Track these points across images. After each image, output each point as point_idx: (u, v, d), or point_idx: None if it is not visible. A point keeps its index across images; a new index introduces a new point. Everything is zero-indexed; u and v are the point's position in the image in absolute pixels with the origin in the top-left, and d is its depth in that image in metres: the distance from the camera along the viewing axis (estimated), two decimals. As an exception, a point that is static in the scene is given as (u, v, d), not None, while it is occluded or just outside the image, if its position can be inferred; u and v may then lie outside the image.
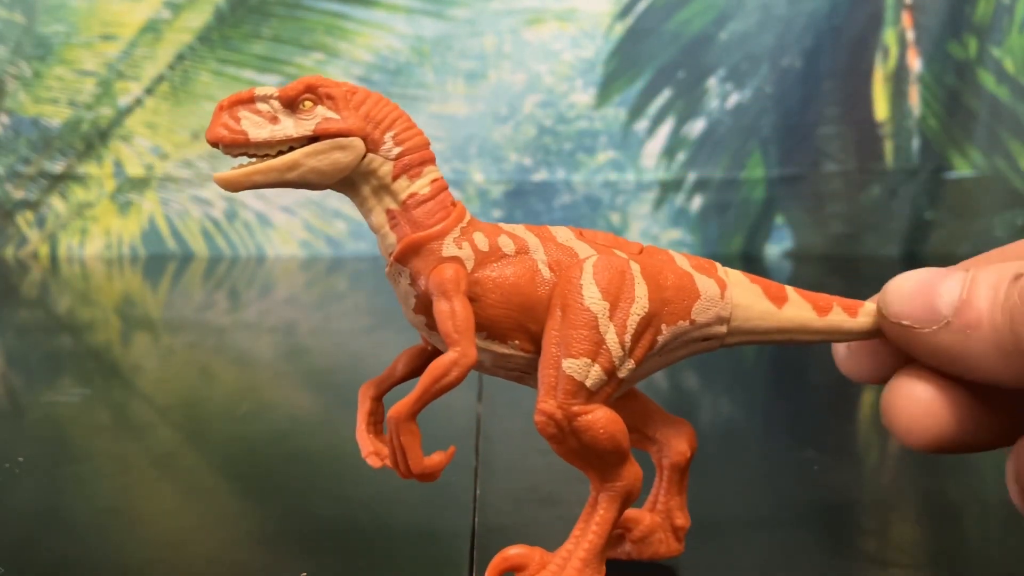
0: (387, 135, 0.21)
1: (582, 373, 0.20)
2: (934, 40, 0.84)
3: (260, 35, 0.85)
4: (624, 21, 0.85)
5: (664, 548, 0.24)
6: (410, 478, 0.21)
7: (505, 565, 0.22)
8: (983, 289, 0.19)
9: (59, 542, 0.27)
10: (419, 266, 0.21)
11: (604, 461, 0.21)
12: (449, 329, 0.20)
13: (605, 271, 0.21)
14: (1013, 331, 0.19)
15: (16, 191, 0.87)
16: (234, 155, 0.21)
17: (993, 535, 0.28)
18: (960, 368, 0.20)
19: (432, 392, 0.20)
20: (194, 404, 0.43)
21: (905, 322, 0.21)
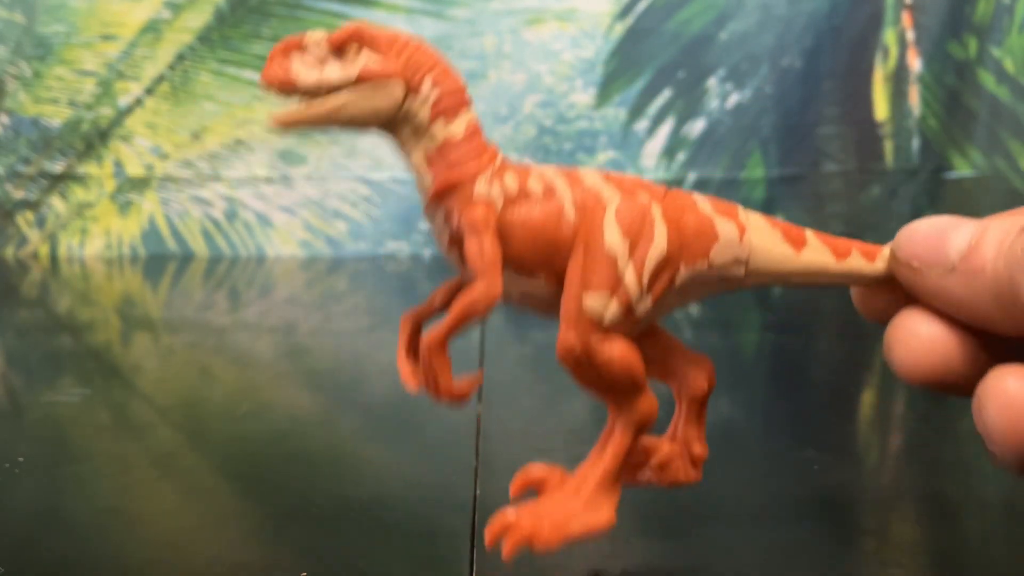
0: (426, 79, 0.23)
1: (601, 307, 0.22)
2: (934, 40, 0.84)
3: (260, 35, 0.85)
4: (624, 21, 0.85)
5: (683, 475, 0.25)
6: (442, 401, 0.23)
7: (527, 482, 0.24)
8: (991, 238, 0.20)
9: (59, 542, 0.27)
10: (453, 204, 0.22)
11: (620, 390, 0.22)
12: (477, 264, 0.22)
13: (627, 213, 0.22)
14: (1011, 279, 0.19)
15: (16, 191, 0.87)
16: (286, 97, 0.22)
17: (993, 535, 0.28)
18: (961, 312, 0.21)
19: (462, 321, 0.22)
20: (194, 404, 0.43)
21: (915, 264, 0.21)
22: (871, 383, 0.49)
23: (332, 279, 0.81)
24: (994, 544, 0.28)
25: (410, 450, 0.36)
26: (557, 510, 0.23)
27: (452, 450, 0.35)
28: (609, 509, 0.23)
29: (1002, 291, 0.20)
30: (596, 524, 0.23)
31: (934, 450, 0.38)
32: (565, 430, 0.38)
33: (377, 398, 0.44)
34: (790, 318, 0.66)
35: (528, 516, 0.22)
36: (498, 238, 0.22)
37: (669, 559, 0.26)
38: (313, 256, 0.88)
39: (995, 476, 0.35)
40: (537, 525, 0.22)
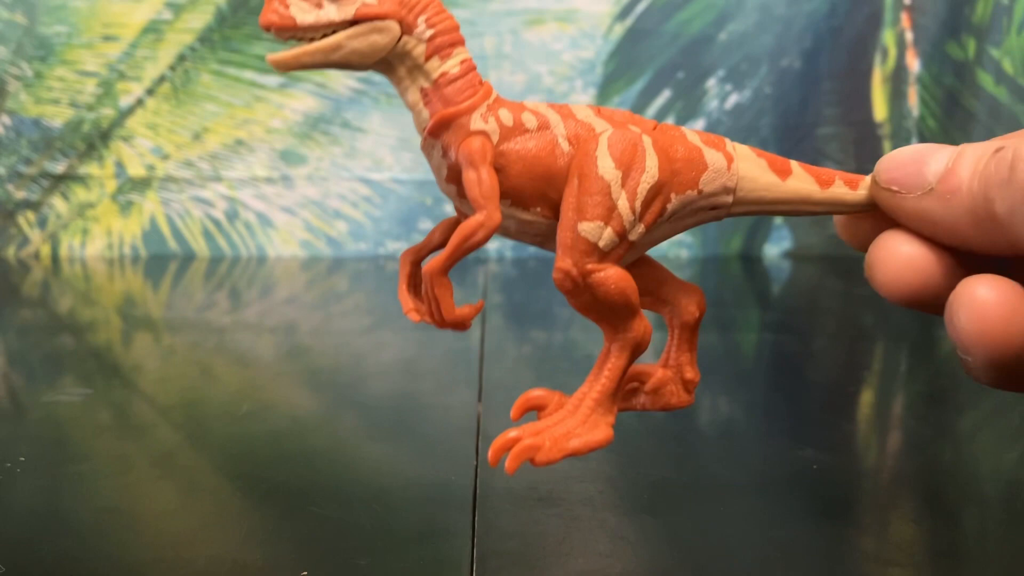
0: (420, 18, 0.23)
1: (596, 235, 0.22)
2: (933, 41, 0.84)
3: (261, 36, 0.85)
4: (624, 22, 0.85)
5: (676, 399, 0.27)
6: (444, 327, 0.24)
7: (528, 405, 0.25)
8: (967, 159, 0.21)
9: (60, 542, 0.27)
10: (450, 139, 0.23)
11: (616, 314, 0.23)
12: (476, 195, 0.22)
13: (619, 143, 0.23)
14: (985, 197, 0.20)
15: (17, 191, 0.87)
16: (284, 39, 0.23)
17: (993, 535, 0.28)
18: (940, 233, 0.22)
19: (461, 250, 0.22)
20: (195, 404, 0.43)
21: (895, 188, 0.22)
22: (871, 383, 0.49)
23: (333, 279, 0.81)
24: (994, 544, 0.28)
25: (410, 449, 0.36)
26: (558, 428, 0.23)
27: (452, 449, 0.35)
28: (606, 427, 0.24)
29: (977, 209, 0.20)
30: (595, 441, 0.23)
31: (934, 450, 0.38)
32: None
33: (377, 398, 0.44)
34: (790, 318, 0.66)
35: (530, 434, 0.23)
36: (495, 170, 0.23)
37: (669, 559, 0.27)
38: (314, 256, 0.89)
39: (995, 476, 0.35)
40: (538, 441, 0.23)
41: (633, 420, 0.41)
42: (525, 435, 0.23)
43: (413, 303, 0.25)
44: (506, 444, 0.23)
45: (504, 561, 0.25)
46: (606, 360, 0.24)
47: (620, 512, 0.29)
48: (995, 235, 0.21)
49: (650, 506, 0.30)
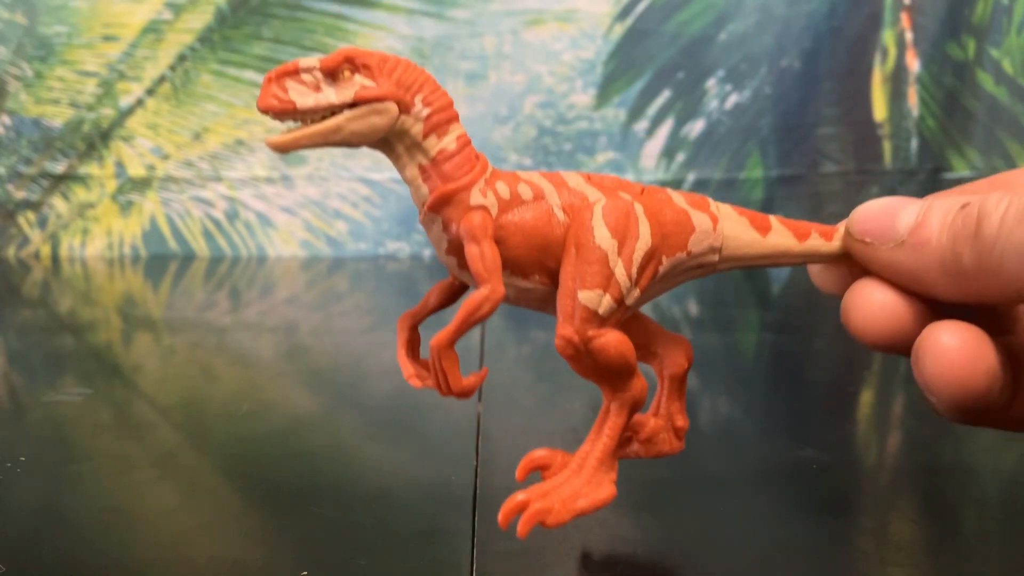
0: (417, 98, 0.24)
1: (595, 302, 0.23)
2: (933, 41, 0.84)
3: (261, 36, 0.85)
4: (624, 22, 0.85)
5: (667, 447, 0.27)
6: (450, 395, 0.24)
7: (532, 465, 0.25)
8: (936, 213, 0.22)
9: (60, 541, 0.27)
10: (450, 214, 0.24)
11: (616, 375, 0.24)
12: (480, 269, 0.23)
13: (613, 212, 0.24)
14: (953, 250, 0.22)
15: (18, 191, 0.87)
16: (282, 121, 0.23)
17: (993, 535, 0.28)
18: (910, 282, 0.23)
19: (468, 323, 0.23)
20: (195, 404, 0.43)
21: (868, 239, 0.24)
22: (871, 383, 0.49)
23: (333, 279, 0.82)
24: (994, 544, 0.28)
25: (410, 449, 0.36)
26: (564, 488, 0.24)
27: (452, 449, 0.35)
28: (610, 484, 0.24)
29: (946, 261, 0.22)
30: (601, 499, 0.24)
31: (933, 450, 0.38)
32: (565, 429, 0.38)
33: (377, 398, 0.44)
34: (790, 318, 0.66)
35: (539, 496, 0.24)
36: (495, 242, 0.24)
37: (669, 558, 0.27)
38: (314, 256, 0.89)
39: (995, 476, 0.35)
40: (548, 503, 0.23)
41: (633, 420, 0.41)
42: (534, 498, 0.23)
43: (414, 368, 0.26)
44: (516, 507, 0.23)
45: (504, 561, 0.25)
46: (606, 419, 0.25)
47: (620, 512, 0.29)
48: (963, 285, 0.22)
49: (650, 505, 0.30)
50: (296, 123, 0.23)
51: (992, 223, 0.21)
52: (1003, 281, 0.21)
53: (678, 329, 0.61)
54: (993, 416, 0.23)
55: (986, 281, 0.21)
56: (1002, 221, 0.21)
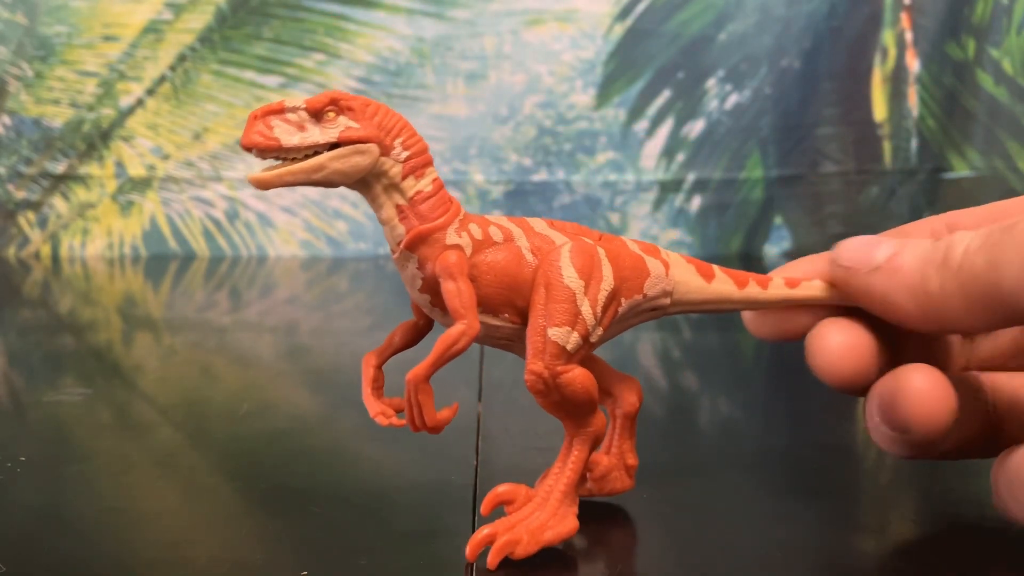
0: (396, 141, 0.25)
1: (564, 339, 0.24)
2: (932, 41, 0.84)
3: (261, 36, 0.85)
4: (624, 22, 0.85)
5: (620, 484, 0.29)
6: (424, 430, 0.26)
7: (496, 500, 0.26)
8: (910, 246, 0.25)
9: (60, 541, 0.27)
10: (426, 253, 0.25)
11: (580, 410, 0.25)
12: (456, 305, 0.24)
13: (579, 255, 0.25)
14: (922, 274, 0.24)
15: (18, 191, 0.87)
16: (265, 158, 0.24)
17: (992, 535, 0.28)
18: (881, 306, 0.25)
19: (444, 357, 0.24)
20: (195, 404, 0.43)
21: (848, 265, 0.26)
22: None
23: (333, 279, 0.82)
24: (993, 544, 0.28)
25: (410, 449, 0.36)
26: (530, 521, 0.25)
27: (452, 449, 0.35)
28: (573, 517, 0.26)
29: (915, 286, 0.24)
30: (565, 532, 0.25)
31: (931, 450, 0.38)
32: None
33: (377, 398, 0.44)
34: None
35: (505, 528, 0.25)
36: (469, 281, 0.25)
37: (669, 558, 0.27)
38: (314, 256, 0.89)
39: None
40: (515, 535, 0.25)
41: (633, 420, 0.41)
42: (501, 531, 0.25)
43: (379, 407, 0.27)
44: (484, 540, 0.25)
45: (504, 561, 0.25)
46: (569, 453, 0.26)
47: (619, 513, 0.29)
48: (927, 309, 0.24)
49: (650, 505, 0.30)
50: (279, 161, 0.24)
51: (956, 252, 0.23)
52: (960, 305, 0.23)
53: (678, 329, 0.61)
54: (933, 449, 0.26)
55: (948, 305, 0.24)
56: (965, 250, 0.23)
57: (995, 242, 0.22)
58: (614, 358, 0.53)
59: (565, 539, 0.25)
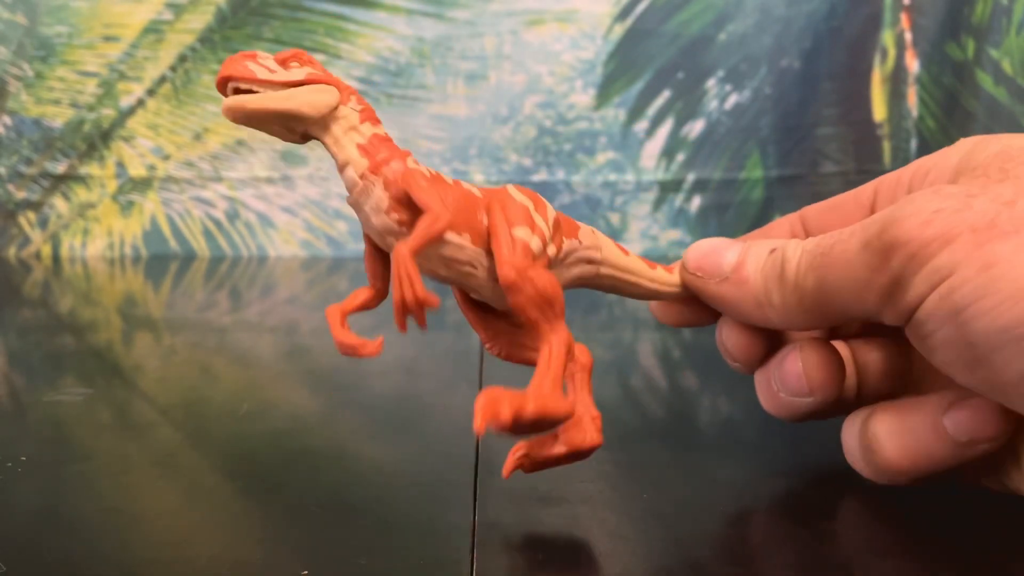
0: (351, 97, 0.27)
1: (527, 238, 0.26)
2: (932, 41, 0.84)
3: (261, 36, 0.85)
4: (624, 22, 0.86)
5: (589, 437, 0.28)
6: (413, 307, 0.25)
7: (487, 414, 0.24)
8: (752, 257, 0.27)
9: (60, 541, 0.27)
10: (393, 171, 0.26)
11: (553, 308, 0.26)
12: (431, 199, 0.25)
13: (522, 189, 0.28)
14: (765, 288, 0.27)
15: (18, 191, 0.87)
16: (239, 93, 0.26)
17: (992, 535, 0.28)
18: (733, 312, 0.29)
19: (427, 234, 0.25)
20: (195, 404, 0.43)
21: (699, 274, 0.29)
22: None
23: (333, 279, 0.82)
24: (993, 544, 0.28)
25: (410, 449, 0.36)
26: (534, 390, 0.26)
27: (452, 449, 0.35)
28: (568, 403, 0.26)
29: (760, 298, 0.27)
30: (564, 409, 0.25)
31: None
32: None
33: (377, 398, 0.45)
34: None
35: (510, 397, 0.24)
36: None
37: (669, 559, 0.27)
38: (314, 256, 0.89)
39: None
40: (521, 400, 0.24)
41: (634, 420, 0.41)
42: (492, 399, 0.24)
43: (357, 339, 0.29)
44: (489, 405, 0.24)
45: (504, 561, 0.25)
46: (550, 350, 0.26)
47: (620, 512, 0.29)
48: (770, 316, 0.27)
49: (650, 505, 0.30)
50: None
51: (791, 268, 0.26)
52: (800, 316, 0.26)
53: (678, 329, 0.61)
54: None
55: (788, 315, 0.27)
56: (797, 267, 0.26)
57: (818, 265, 0.25)
58: (614, 358, 0.53)
59: (565, 417, 0.25)
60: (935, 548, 0.27)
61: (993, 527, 0.28)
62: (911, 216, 0.23)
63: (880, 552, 0.27)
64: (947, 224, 0.23)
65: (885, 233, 0.24)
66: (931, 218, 0.23)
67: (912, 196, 0.24)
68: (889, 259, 0.24)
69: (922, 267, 0.23)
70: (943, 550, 0.27)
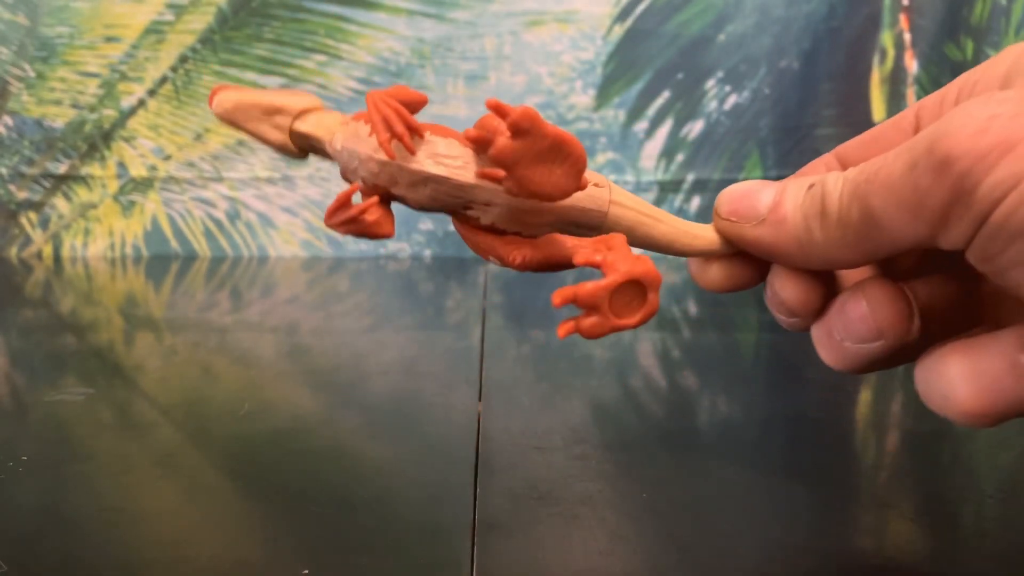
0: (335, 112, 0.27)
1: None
2: (931, 42, 0.84)
3: (262, 37, 0.85)
4: (623, 23, 0.86)
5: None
6: (403, 136, 0.24)
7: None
8: (789, 195, 0.26)
9: (61, 540, 0.27)
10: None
11: (568, 146, 0.24)
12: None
13: None
14: (806, 227, 0.25)
15: (20, 192, 0.87)
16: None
17: (992, 535, 0.29)
18: (774, 256, 0.27)
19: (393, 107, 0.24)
20: (196, 403, 0.43)
21: (733, 219, 0.27)
22: (870, 383, 0.49)
23: (333, 279, 0.82)
24: (993, 544, 0.28)
25: (410, 449, 0.36)
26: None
27: (452, 449, 0.35)
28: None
29: (800, 236, 0.26)
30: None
31: (933, 450, 0.38)
32: (565, 429, 0.39)
33: (378, 397, 0.45)
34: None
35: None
36: None
37: (669, 559, 0.27)
38: (315, 256, 0.89)
39: (995, 476, 0.35)
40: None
41: (634, 420, 0.41)
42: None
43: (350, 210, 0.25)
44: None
45: (504, 561, 0.25)
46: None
47: (620, 511, 0.29)
48: (813, 256, 0.26)
49: (650, 505, 0.30)
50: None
51: (833, 200, 0.25)
52: (846, 251, 0.25)
53: (678, 329, 0.61)
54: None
55: (832, 252, 0.25)
56: (840, 199, 0.24)
57: (863, 193, 0.24)
58: (614, 358, 0.53)
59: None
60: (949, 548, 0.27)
61: None
62: (963, 127, 0.21)
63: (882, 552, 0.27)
64: (1005, 131, 0.21)
65: (935, 148, 0.22)
66: (986, 125, 0.21)
67: (962, 106, 0.22)
68: (942, 176, 0.22)
69: (981, 181, 0.21)
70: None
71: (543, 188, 0.25)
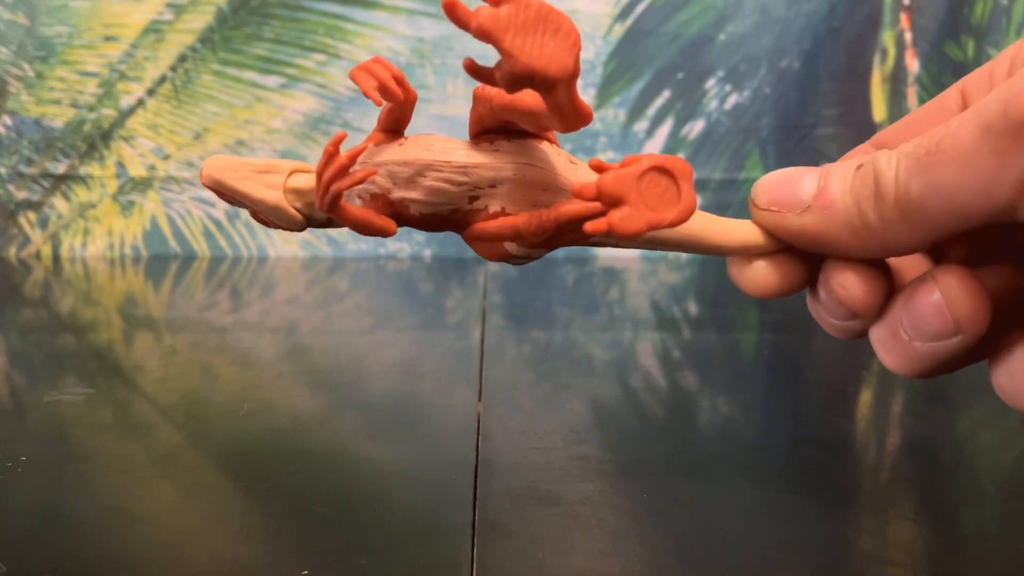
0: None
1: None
2: (932, 41, 0.84)
3: (261, 36, 0.85)
4: (624, 23, 0.86)
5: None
6: (397, 95, 0.25)
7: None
8: (835, 178, 0.24)
9: (61, 540, 0.27)
10: None
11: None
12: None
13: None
14: (859, 209, 0.23)
15: (19, 191, 0.87)
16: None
17: (992, 535, 0.29)
18: (822, 244, 0.25)
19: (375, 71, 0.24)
20: (196, 403, 0.43)
21: (774, 208, 0.25)
22: (870, 383, 0.49)
23: (333, 279, 0.82)
24: (993, 544, 0.28)
25: (410, 449, 0.36)
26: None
27: (452, 448, 0.35)
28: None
29: (852, 220, 0.24)
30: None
31: (933, 450, 0.38)
32: (565, 429, 0.39)
33: (377, 398, 0.45)
34: (790, 318, 0.66)
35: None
36: None
37: (669, 558, 0.27)
38: (314, 256, 0.89)
39: (995, 476, 0.35)
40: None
41: (633, 420, 0.41)
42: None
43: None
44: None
45: (504, 561, 0.25)
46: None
47: (620, 512, 0.29)
48: (868, 241, 0.24)
49: (650, 506, 0.30)
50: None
51: (888, 179, 0.23)
52: (906, 233, 0.23)
53: (678, 329, 0.61)
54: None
55: (891, 235, 0.23)
56: (896, 176, 0.23)
57: (924, 166, 0.22)
58: (614, 358, 0.53)
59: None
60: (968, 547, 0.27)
61: None
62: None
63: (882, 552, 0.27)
64: None
65: (1012, 109, 0.20)
66: None
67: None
68: (1022, 139, 0.20)
69: None
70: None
71: (538, 61, 0.21)
